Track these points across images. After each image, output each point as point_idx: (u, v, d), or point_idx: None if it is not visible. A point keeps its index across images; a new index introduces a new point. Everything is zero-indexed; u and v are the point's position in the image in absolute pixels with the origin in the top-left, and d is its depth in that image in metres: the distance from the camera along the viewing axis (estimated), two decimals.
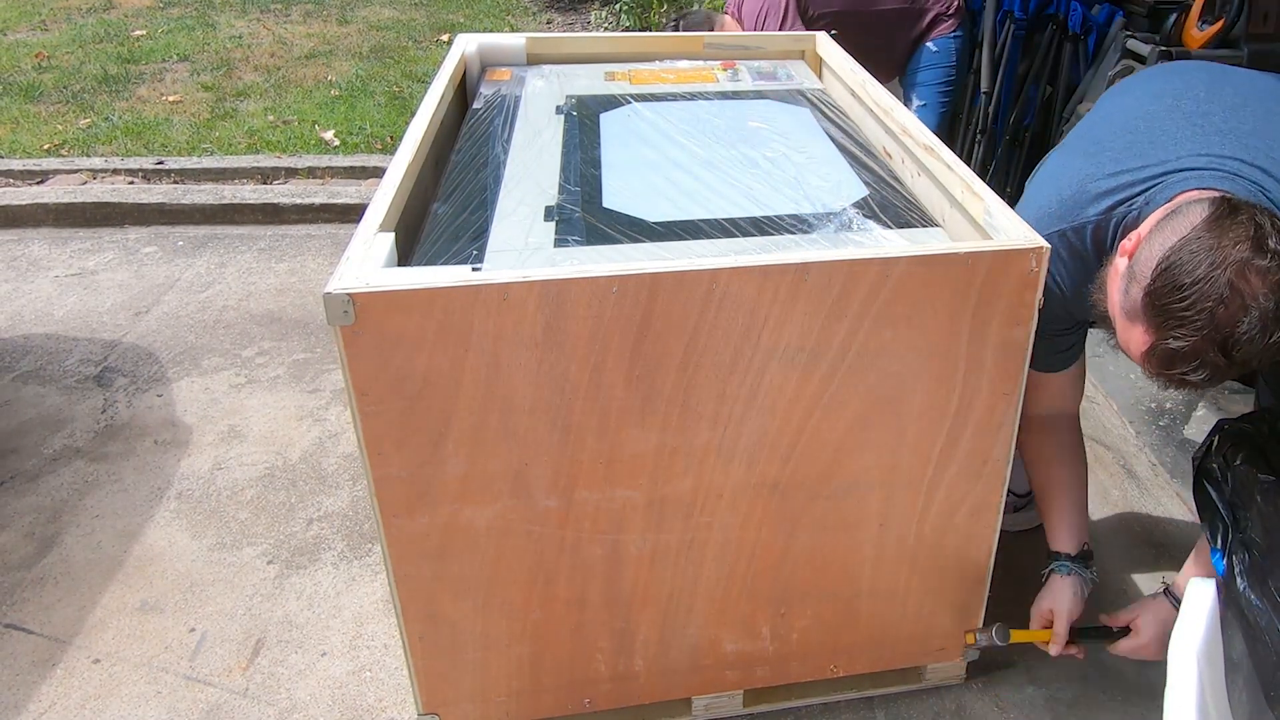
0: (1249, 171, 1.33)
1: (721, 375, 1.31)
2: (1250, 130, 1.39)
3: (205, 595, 1.93)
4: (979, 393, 1.40)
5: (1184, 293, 1.16)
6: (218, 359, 2.73)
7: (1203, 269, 1.15)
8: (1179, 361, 1.19)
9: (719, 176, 1.62)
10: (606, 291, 1.22)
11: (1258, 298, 1.14)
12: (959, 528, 1.52)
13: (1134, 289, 1.23)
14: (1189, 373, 1.20)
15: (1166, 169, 1.36)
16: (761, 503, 1.43)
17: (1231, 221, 1.17)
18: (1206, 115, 1.43)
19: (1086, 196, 1.42)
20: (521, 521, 1.38)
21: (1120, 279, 1.27)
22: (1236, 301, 1.14)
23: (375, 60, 5.38)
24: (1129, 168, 1.40)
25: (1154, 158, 1.39)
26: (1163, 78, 1.61)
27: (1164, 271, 1.18)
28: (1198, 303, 1.15)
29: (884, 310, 1.30)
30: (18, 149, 4.11)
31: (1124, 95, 1.64)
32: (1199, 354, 1.17)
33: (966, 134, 3.27)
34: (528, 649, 1.50)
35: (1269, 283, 1.14)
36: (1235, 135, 1.38)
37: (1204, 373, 1.19)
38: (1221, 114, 1.43)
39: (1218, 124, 1.41)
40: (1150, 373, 1.26)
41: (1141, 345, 1.23)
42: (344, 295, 1.17)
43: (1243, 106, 1.44)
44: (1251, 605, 1.26)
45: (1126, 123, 1.50)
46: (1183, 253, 1.17)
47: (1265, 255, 1.14)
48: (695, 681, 1.60)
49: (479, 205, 1.52)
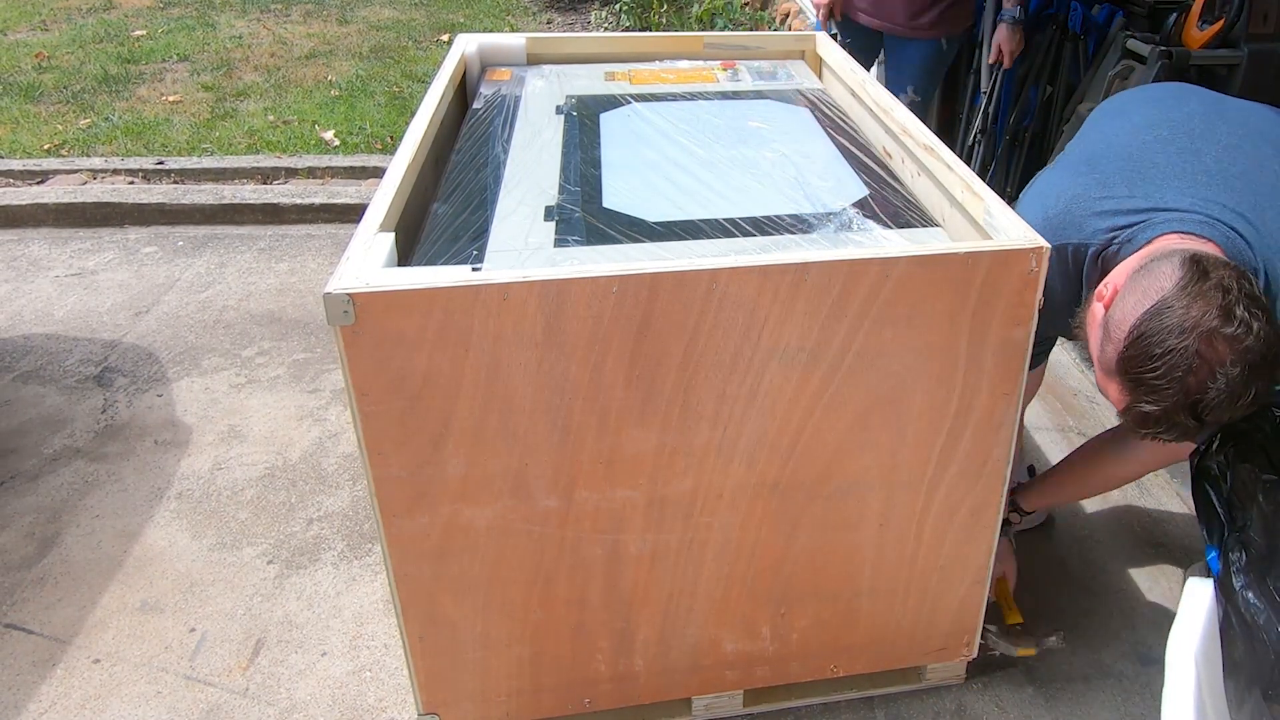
0: (1230, 218, 1.36)
1: (721, 375, 1.31)
2: (1239, 173, 1.42)
3: (205, 595, 1.93)
4: (979, 393, 1.40)
5: (1155, 363, 1.21)
6: (218, 359, 2.73)
7: (1172, 339, 1.19)
8: (1152, 423, 1.25)
9: (719, 176, 1.62)
10: (607, 291, 1.22)
11: (1225, 364, 1.18)
12: (959, 528, 1.52)
13: (1109, 349, 1.28)
14: (1163, 433, 1.26)
15: (1151, 205, 1.39)
16: (761, 503, 1.43)
17: (1201, 286, 1.20)
18: (1198, 154, 1.46)
19: (1071, 219, 1.45)
20: (521, 521, 1.38)
21: (1097, 330, 1.32)
22: (1205, 370, 1.18)
23: (375, 60, 5.38)
24: (1116, 195, 1.44)
25: (1141, 190, 1.42)
26: (1159, 105, 1.63)
27: (1135, 340, 1.23)
28: (1168, 373, 1.20)
29: (884, 310, 1.30)
30: (18, 149, 4.11)
31: (1120, 118, 1.65)
32: (1170, 417, 1.23)
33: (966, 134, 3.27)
34: (528, 649, 1.51)
35: (1236, 350, 1.18)
36: (1223, 178, 1.41)
37: (1176, 433, 1.26)
38: (1214, 153, 1.46)
39: (1208, 164, 1.44)
40: (1127, 429, 1.33)
41: (1118, 403, 1.29)
42: (344, 295, 1.17)
43: (1235, 148, 1.47)
44: (1249, 604, 1.26)
45: (1120, 148, 1.53)
46: (1153, 322, 1.21)
47: (1232, 323, 1.18)
48: (695, 681, 1.60)
49: (479, 205, 1.53)
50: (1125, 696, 1.73)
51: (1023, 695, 1.73)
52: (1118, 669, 1.78)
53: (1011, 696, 1.73)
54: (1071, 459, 1.82)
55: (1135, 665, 1.79)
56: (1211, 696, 1.35)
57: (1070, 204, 1.46)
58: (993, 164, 3.18)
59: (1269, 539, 1.27)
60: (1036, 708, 1.71)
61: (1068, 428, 2.46)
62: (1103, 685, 1.75)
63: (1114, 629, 1.86)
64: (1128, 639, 1.84)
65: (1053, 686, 1.75)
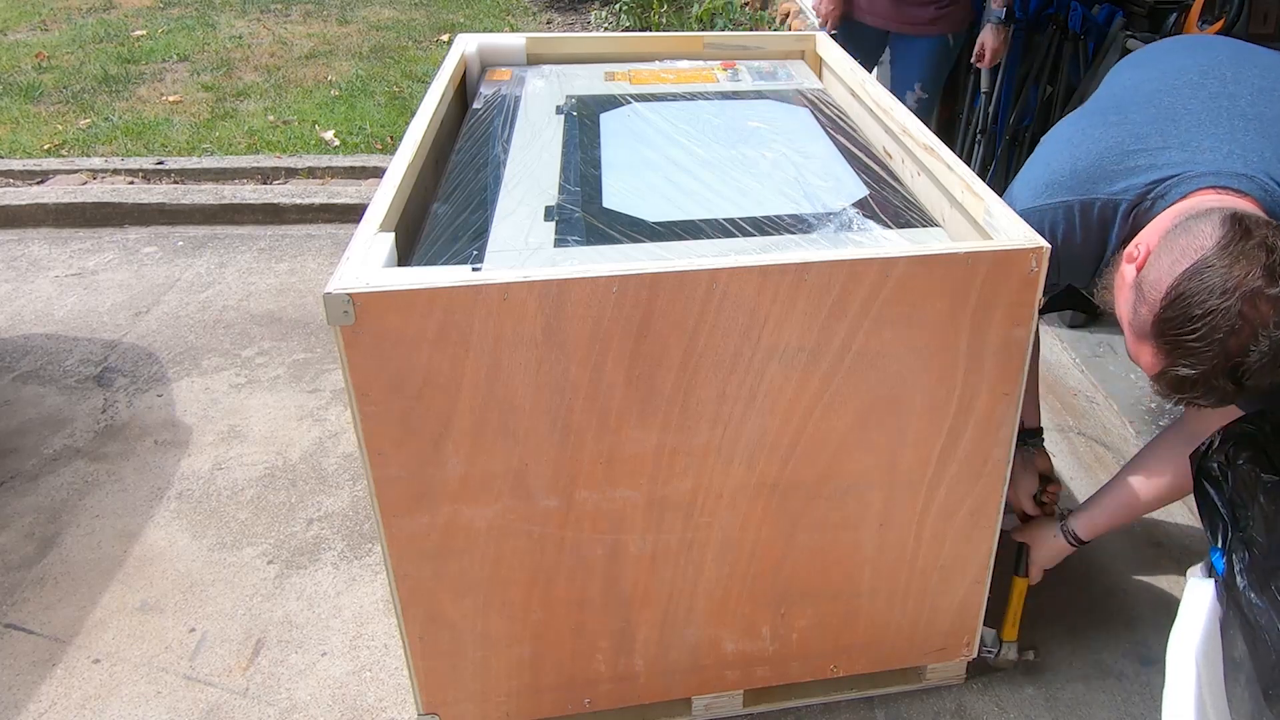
0: (1271, 167, 1.30)
1: (721, 375, 1.31)
2: (1275, 116, 1.36)
3: (205, 595, 1.93)
4: (979, 393, 1.40)
5: (1195, 324, 1.15)
6: (218, 359, 2.73)
7: (1214, 299, 1.14)
8: (1188, 387, 1.20)
9: (719, 176, 1.62)
10: (607, 291, 1.22)
11: (1269, 325, 1.13)
12: (959, 528, 1.52)
13: (1143, 310, 1.22)
14: (1199, 398, 1.21)
15: (1187, 155, 1.33)
16: (761, 503, 1.43)
17: (1244, 246, 1.15)
18: (1233, 97, 1.40)
19: (1103, 171, 1.38)
20: (521, 521, 1.38)
21: (1129, 291, 1.26)
22: (1247, 331, 1.13)
23: (375, 60, 5.38)
24: (1149, 146, 1.37)
25: (1176, 138, 1.36)
26: (1187, 52, 1.57)
27: (1174, 301, 1.17)
28: (1209, 334, 1.15)
29: (884, 310, 1.30)
30: (18, 149, 4.11)
31: (1147, 66, 1.59)
32: (1208, 381, 1.18)
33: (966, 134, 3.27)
34: (528, 649, 1.50)
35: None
36: (1259, 122, 1.35)
37: (1213, 398, 1.20)
38: (1248, 97, 1.39)
39: (1243, 107, 1.38)
40: (1159, 392, 1.26)
41: (1151, 367, 1.24)
42: (344, 295, 1.17)
43: (1270, 90, 1.41)
44: (1252, 604, 1.26)
45: (1151, 95, 1.46)
46: (1193, 282, 1.16)
47: (1277, 283, 1.13)
48: (695, 681, 1.60)
49: (479, 205, 1.52)
50: (1125, 696, 1.73)
51: (1022, 695, 1.73)
52: (1118, 669, 1.78)
53: (1011, 696, 1.73)
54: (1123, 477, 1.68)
55: (1135, 665, 1.79)
56: (1212, 696, 1.35)
57: (1102, 155, 1.39)
58: (993, 164, 3.18)
59: (1271, 539, 1.27)
60: (1036, 708, 1.71)
61: (1068, 428, 2.46)
62: (1103, 685, 1.75)
63: (1114, 629, 1.86)
64: (1128, 639, 1.84)
65: (1053, 686, 1.75)
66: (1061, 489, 1.79)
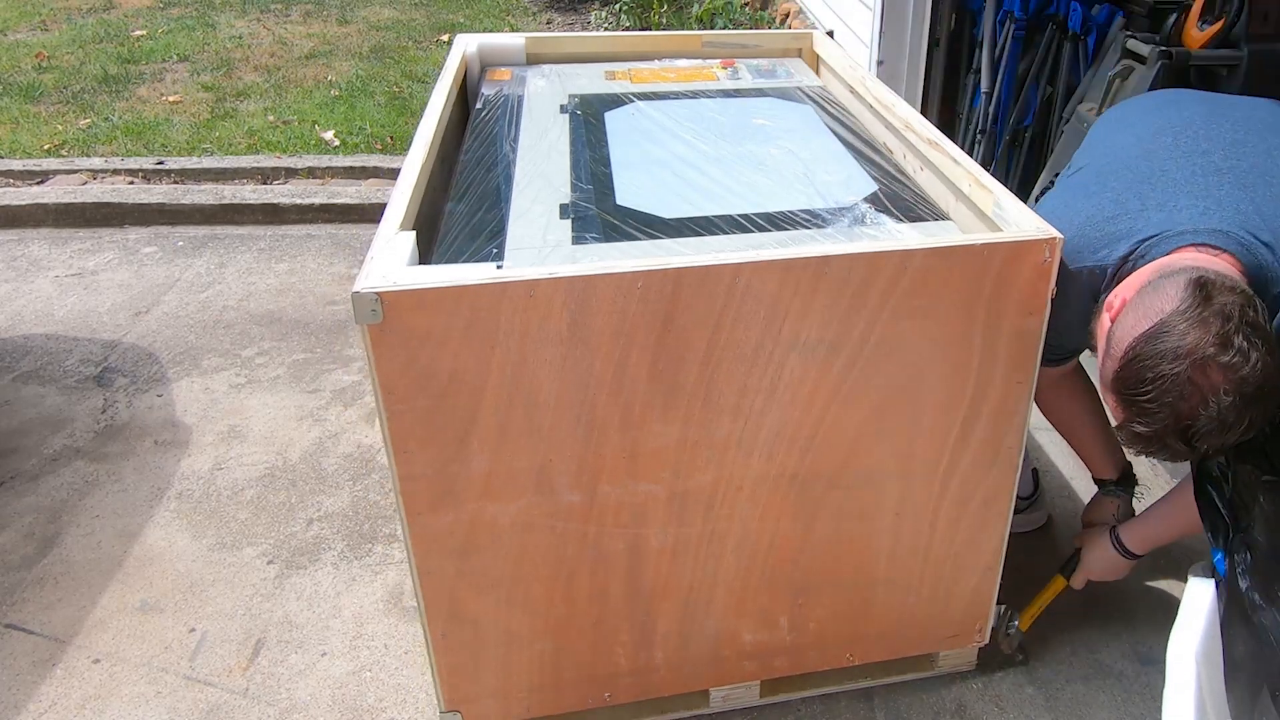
0: (1249, 223, 1.33)
1: (743, 368, 1.32)
2: (1249, 167, 1.41)
3: (205, 595, 1.93)
4: (993, 382, 1.41)
5: (1146, 386, 1.19)
6: (218, 359, 2.73)
7: (1165, 364, 1.18)
8: (1143, 443, 1.25)
9: (728, 173, 1.63)
10: (632, 287, 1.22)
11: (1218, 392, 1.16)
12: (973, 516, 1.53)
13: (1108, 364, 1.27)
14: (1153, 454, 1.26)
15: (1166, 217, 1.37)
16: (780, 494, 1.44)
17: (1201, 312, 1.18)
18: (1206, 154, 1.44)
19: (1087, 242, 1.43)
20: (545, 517, 1.38)
21: (1102, 342, 1.30)
22: (1196, 396, 1.17)
23: (375, 60, 5.38)
24: (1129, 210, 1.41)
25: (1154, 200, 1.41)
26: (1160, 111, 1.62)
27: (1129, 362, 1.22)
28: (1159, 397, 1.19)
29: (902, 302, 1.31)
30: (18, 149, 4.11)
31: (1123, 128, 1.64)
32: (1161, 440, 1.22)
33: (966, 134, 3.27)
34: (549, 644, 1.51)
35: (1230, 379, 1.16)
36: (1234, 174, 1.40)
37: (1166, 455, 1.25)
38: (1220, 151, 1.44)
39: (1217, 162, 1.42)
40: (1122, 442, 1.31)
41: (1114, 417, 1.29)
42: (372, 294, 1.16)
43: (1241, 143, 1.46)
44: (1254, 605, 1.26)
45: (1128, 161, 1.51)
46: (1149, 345, 1.20)
47: (1229, 351, 1.16)
48: (714, 673, 1.61)
49: (493, 204, 1.53)
50: (1125, 696, 1.73)
51: (1023, 695, 1.73)
52: (1118, 669, 1.78)
53: (1011, 696, 1.73)
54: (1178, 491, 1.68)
55: (1135, 665, 1.79)
56: (1212, 696, 1.34)
57: (1084, 226, 1.44)
58: (992, 164, 3.18)
59: (1271, 540, 1.27)
60: (1036, 708, 1.71)
61: None
62: (1103, 685, 1.75)
63: (1114, 629, 1.86)
64: (1128, 639, 1.84)
65: (1053, 686, 1.75)
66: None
